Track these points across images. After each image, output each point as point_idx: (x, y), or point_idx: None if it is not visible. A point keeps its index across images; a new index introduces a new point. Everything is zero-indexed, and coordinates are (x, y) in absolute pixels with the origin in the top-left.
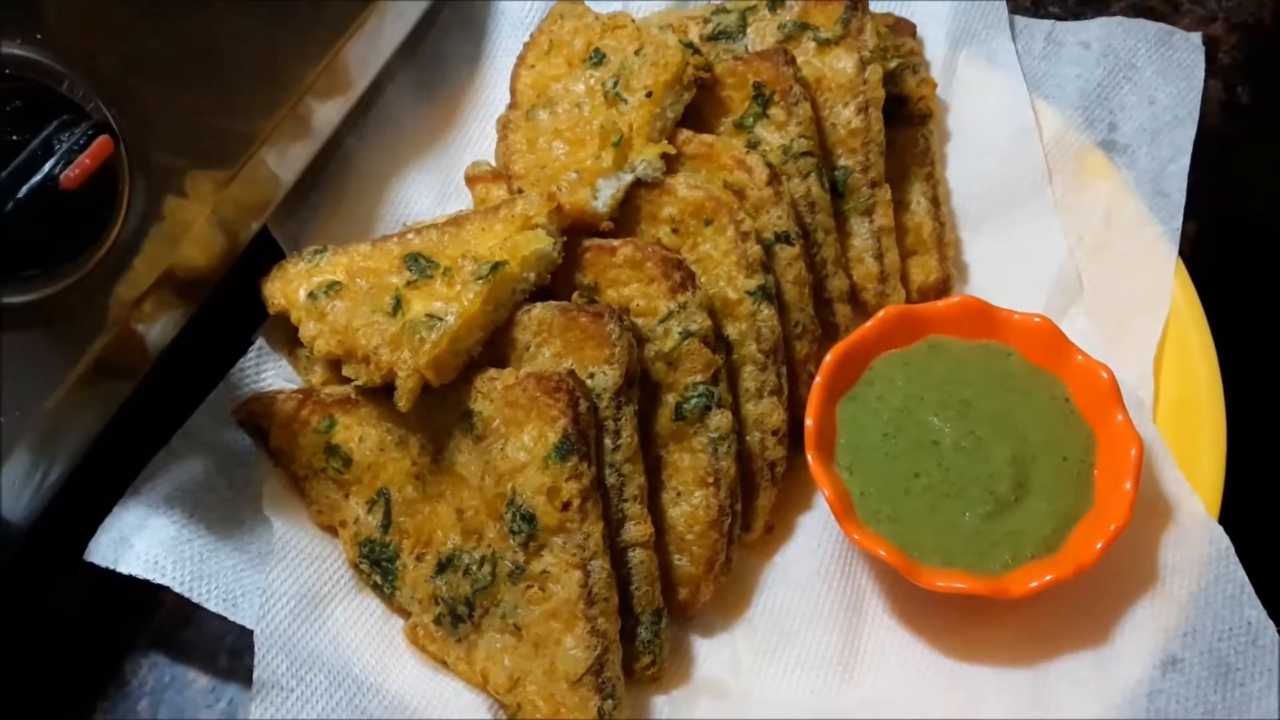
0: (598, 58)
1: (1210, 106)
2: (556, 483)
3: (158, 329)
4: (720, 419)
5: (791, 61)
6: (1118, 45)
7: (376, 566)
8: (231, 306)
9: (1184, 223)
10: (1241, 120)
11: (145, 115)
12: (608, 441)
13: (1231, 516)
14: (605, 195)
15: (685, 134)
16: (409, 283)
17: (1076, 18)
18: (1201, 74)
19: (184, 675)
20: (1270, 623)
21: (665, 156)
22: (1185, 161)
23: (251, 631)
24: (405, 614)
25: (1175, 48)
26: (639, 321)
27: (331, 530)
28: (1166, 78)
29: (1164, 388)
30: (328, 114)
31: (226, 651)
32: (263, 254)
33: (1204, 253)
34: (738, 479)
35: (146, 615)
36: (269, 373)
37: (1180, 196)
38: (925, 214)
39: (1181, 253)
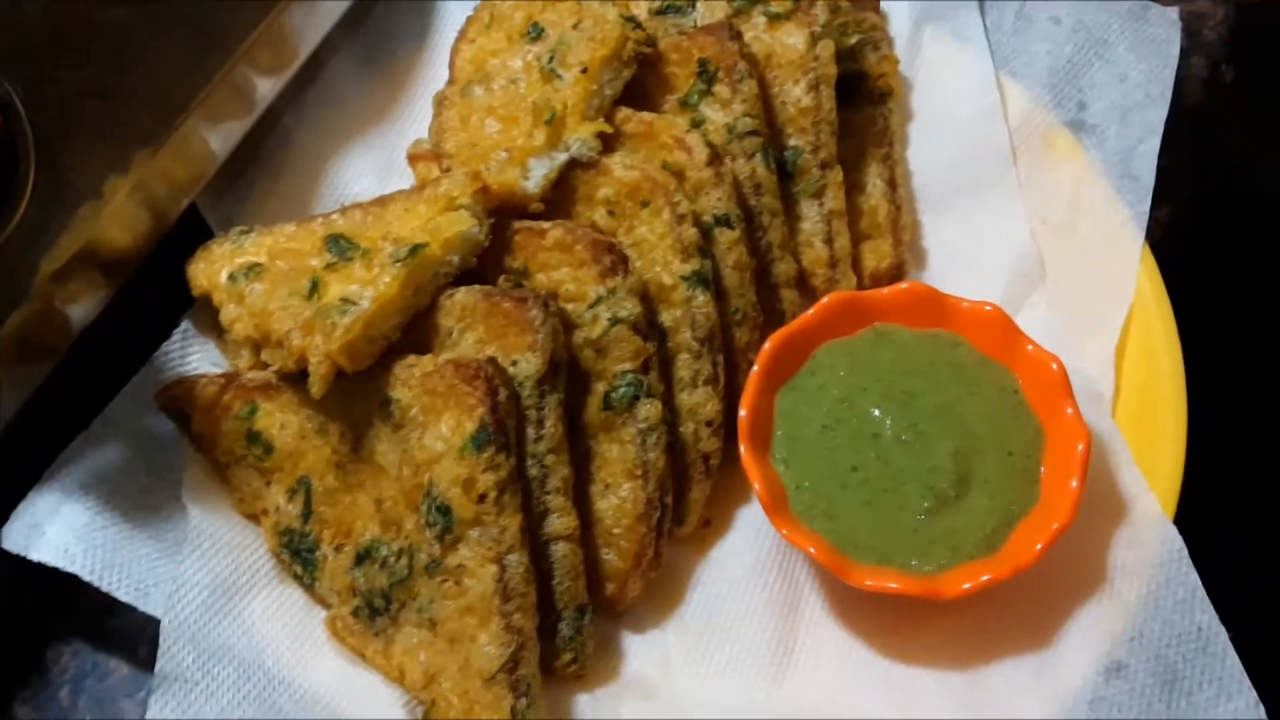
0: (536, 32)
1: (1192, 85)
2: (473, 474)
3: (79, 308)
4: (649, 409)
5: (737, 37)
6: (1090, 20)
7: (296, 557)
8: (162, 288)
9: (1158, 207)
10: (1224, 99)
11: (57, 87)
12: (530, 431)
13: (1189, 516)
14: (537, 175)
15: (624, 112)
16: (328, 265)
17: None
18: (1176, 51)
19: (105, 664)
20: (1222, 628)
21: (603, 135)
22: (1156, 142)
23: None
24: (327, 605)
25: (1150, 23)
26: (569, 307)
27: (254, 519)
28: (1139, 54)
29: (1125, 380)
30: (264, 86)
31: (149, 641)
32: (201, 235)
33: (1177, 239)
34: (668, 471)
35: (70, 602)
36: (195, 356)
37: (1150, 179)
38: (881, 196)
39: (1153, 238)
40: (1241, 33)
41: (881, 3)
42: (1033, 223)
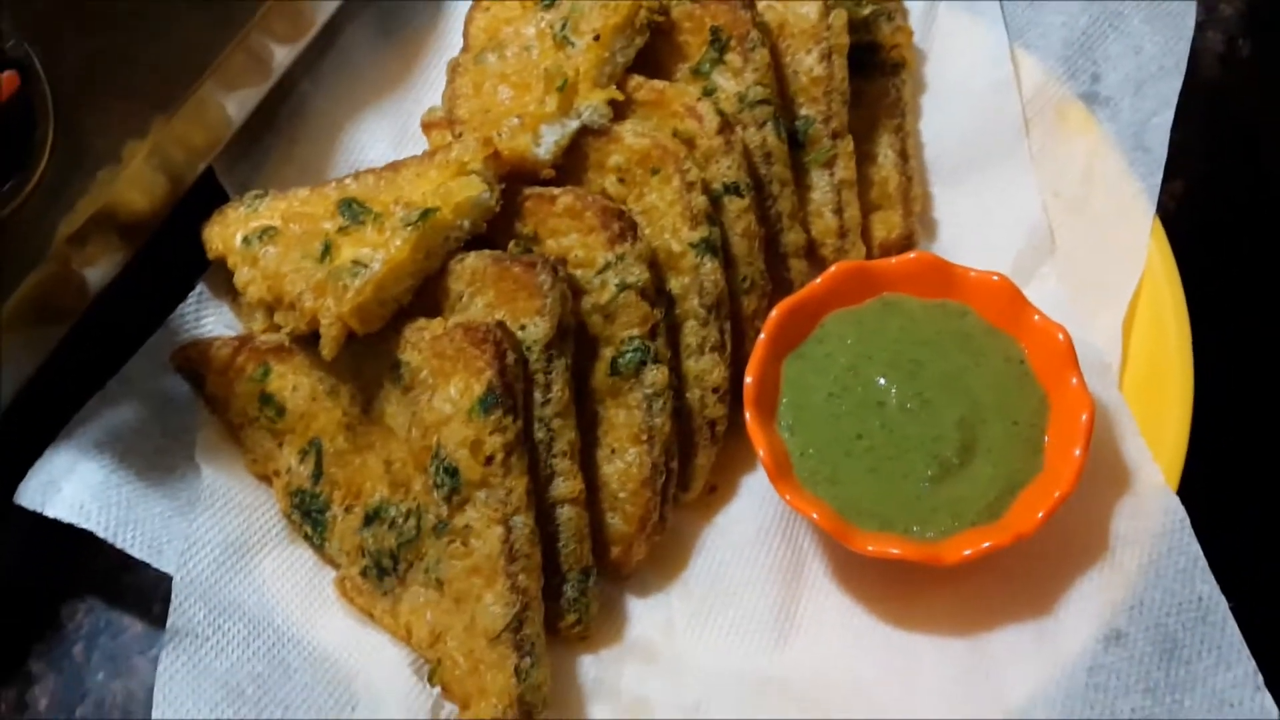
0: (549, 0)
1: (1208, 59)
2: (480, 436)
3: (96, 270)
4: (656, 375)
5: (750, 5)
6: None
7: (307, 517)
8: (179, 250)
9: (1171, 181)
10: (1240, 74)
11: (76, 52)
12: (538, 395)
13: (1193, 487)
14: (548, 142)
15: (636, 80)
16: (340, 229)
17: None
18: (1192, 23)
19: (119, 621)
20: (1222, 598)
21: (615, 103)
22: (1169, 115)
23: None
24: (336, 565)
25: None
26: (578, 273)
27: (266, 480)
28: (1154, 26)
29: (1133, 352)
30: (280, 53)
31: (162, 599)
32: (217, 199)
33: (1190, 212)
34: (674, 437)
35: (84, 560)
36: (210, 318)
37: (1162, 152)
38: (892, 167)
39: (1165, 211)
40: (1258, 8)
41: None
42: (1044, 195)
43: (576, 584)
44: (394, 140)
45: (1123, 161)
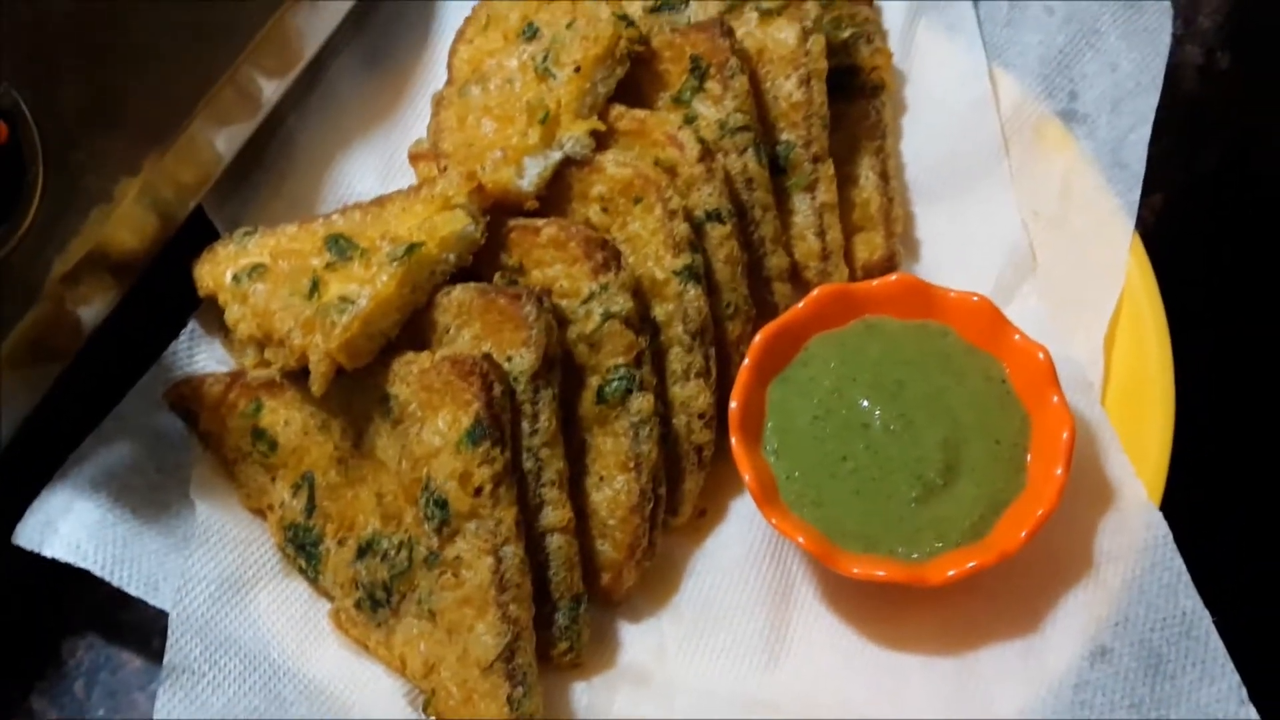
0: (531, 32)
1: (1187, 72)
2: (469, 468)
3: (89, 309)
4: (641, 402)
5: (729, 34)
6: (1082, 10)
7: (301, 550)
8: (170, 288)
9: (1150, 195)
10: (1220, 87)
11: (64, 93)
12: (525, 426)
13: (1175, 502)
14: (531, 174)
15: (618, 109)
16: (328, 265)
17: None
18: (1168, 39)
19: (118, 657)
20: (1206, 613)
21: (597, 133)
22: (1146, 131)
23: None
24: (331, 598)
25: (1142, 12)
26: (562, 303)
27: (261, 514)
28: (1130, 43)
29: (1114, 369)
30: (269, 88)
31: (161, 634)
32: (207, 236)
33: (1169, 226)
34: (661, 463)
35: (83, 597)
36: (202, 355)
37: (1140, 168)
38: (873, 189)
39: (1145, 226)
40: (1237, 20)
41: None
42: (1024, 213)
43: (568, 612)
44: (382, 172)
45: (1101, 178)
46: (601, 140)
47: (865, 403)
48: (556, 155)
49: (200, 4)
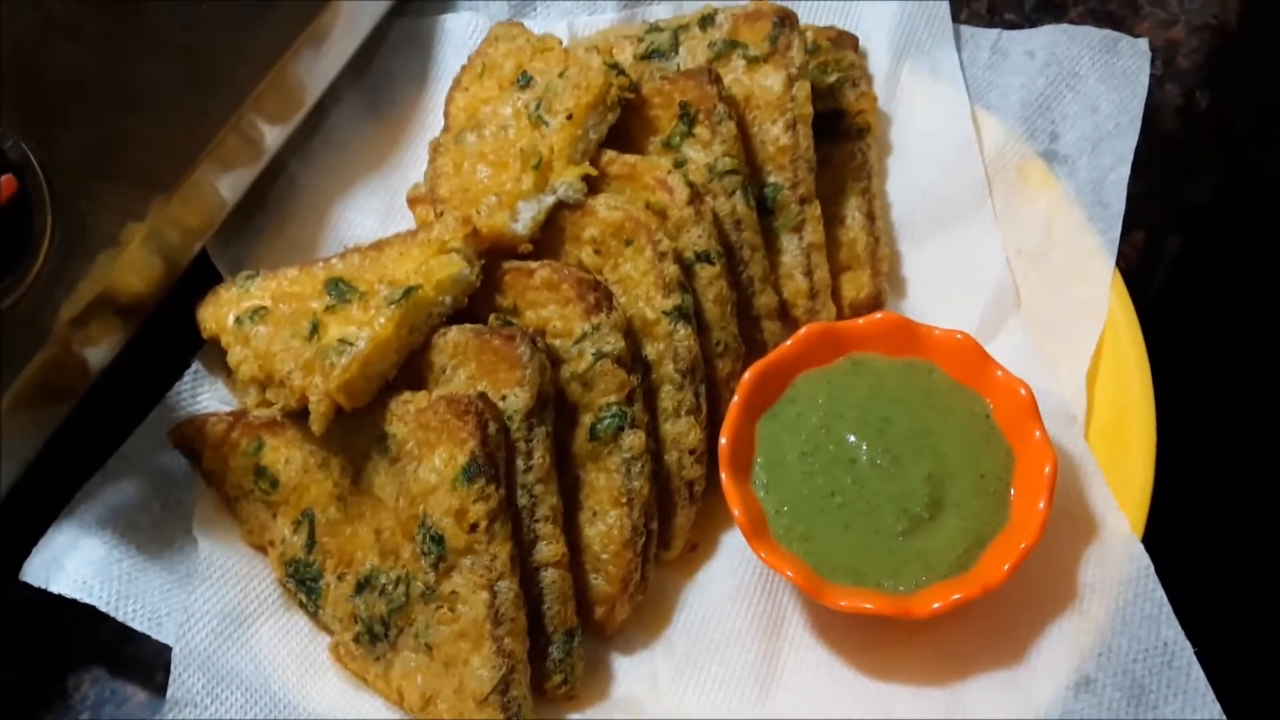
0: (525, 80)
1: (1167, 112)
2: (464, 504)
3: (96, 351)
4: (633, 439)
5: (716, 80)
6: (1061, 53)
7: (301, 585)
8: (174, 330)
9: (1132, 233)
10: (1199, 127)
11: (71, 142)
12: (520, 463)
13: (1157, 534)
14: (525, 218)
15: (609, 154)
16: (328, 308)
17: (1032, 24)
18: (1146, 80)
19: (123, 690)
20: (1187, 644)
21: (589, 177)
22: (1125, 170)
23: None
24: (330, 631)
25: (1120, 54)
26: (556, 343)
27: (262, 550)
28: (1109, 85)
29: (1097, 403)
30: (272, 133)
31: (165, 668)
32: (210, 278)
33: (1151, 264)
34: (653, 499)
35: (90, 631)
36: (205, 395)
37: (1120, 206)
38: (860, 229)
39: (1128, 263)
40: (1215, 61)
41: (860, 41)
42: (1008, 251)
43: (561, 645)
44: (381, 215)
45: (1083, 216)
46: (593, 184)
47: (852, 438)
48: (550, 199)
49: (205, 53)
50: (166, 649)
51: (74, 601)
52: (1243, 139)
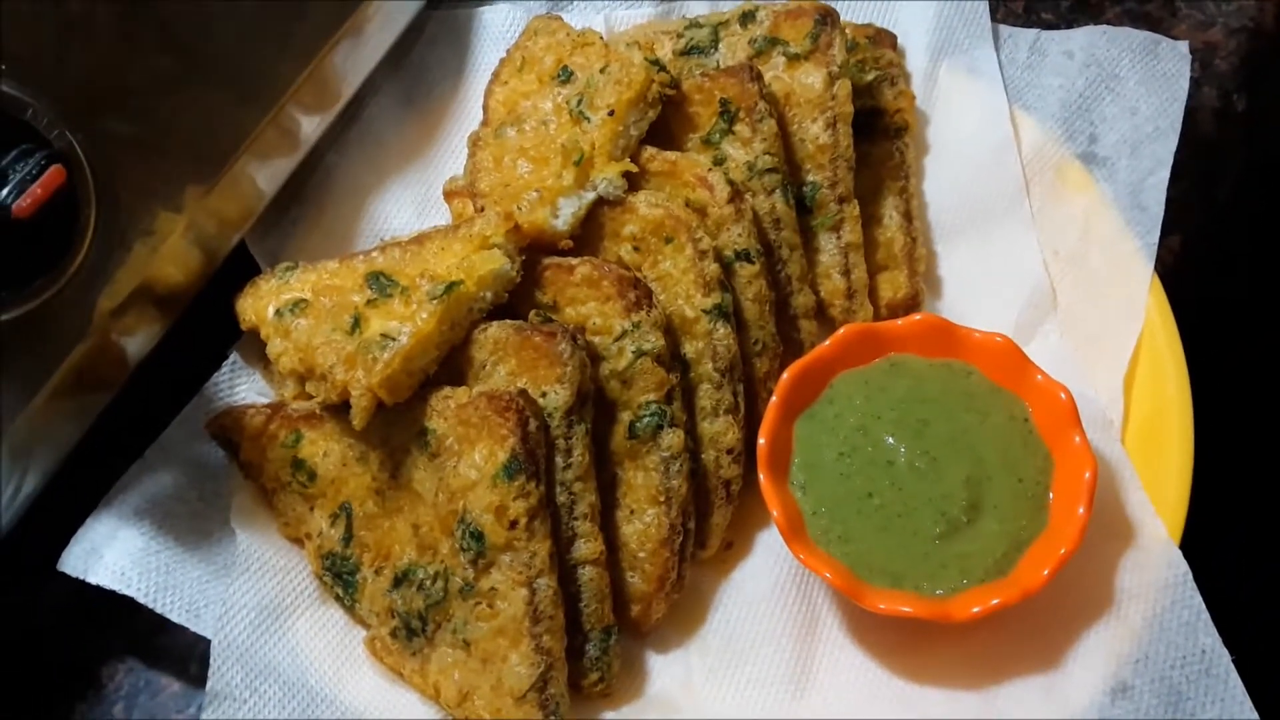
0: (565, 75)
1: (1204, 115)
2: (504, 501)
3: (135, 342)
4: (672, 438)
5: (757, 78)
6: (1101, 55)
7: (338, 579)
8: (213, 320)
9: (1169, 236)
10: (1236, 129)
11: (116, 135)
12: (559, 460)
13: (1194, 540)
14: (566, 214)
15: (649, 151)
16: (369, 301)
17: (1069, 24)
18: (1186, 84)
19: (157, 681)
20: (1225, 651)
21: (629, 174)
22: (1165, 174)
23: None
24: (367, 626)
25: (1160, 57)
26: (595, 340)
27: (299, 542)
28: (1149, 88)
29: (1134, 407)
30: (310, 125)
31: (199, 659)
32: (248, 270)
33: (1188, 267)
34: (690, 497)
35: (124, 621)
36: (243, 387)
37: (1159, 210)
38: (897, 229)
39: (1164, 266)
40: (1253, 63)
41: (898, 40)
42: (1045, 253)
43: (599, 643)
44: (418, 208)
45: (1120, 220)
46: (634, 181)
47: (890, 440)
48: (590, 196)
49: (245, 46)
50: (200, 640)
51: (108, 591)
52: None
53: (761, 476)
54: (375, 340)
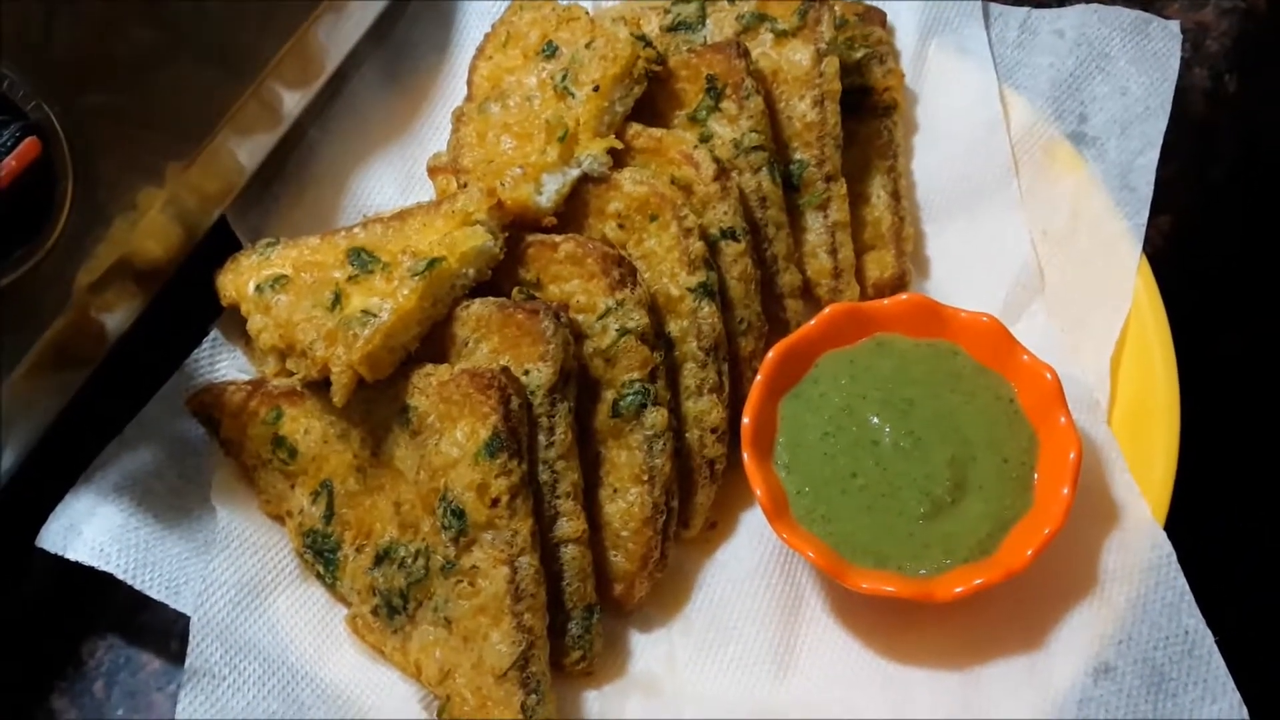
0: (550, 50)
1: (1195, 96)
2: (486, 479)
3: (114, 317)
4: (656, 416)
5: (744, 54)
6: (1092, 33)
7: (319, 557)
8: (193, 297)
9: (1158, 217)
10: (1227, 110)
11: (95, 108)
12: (541, 438)
13: (1179, 522)
14: (549, 190)
15: (635, 128)
16: (350, 277)
17: (1060, 3)
18: (1176, 63)
19: (138, 658)
20: (1208, 632)
21: (614, 151)
22: (1154, 155)
23: None
24: (348, 604)
25: (1151, 36)
26: (579, 318)
27: (280, 520)
28: (1140, 67)
29: (1121, 389)
30: (291, 101)
31: (179, 636)
32: (229, 245)
33: (1177, 248)
34: (674, 476)
35: (105, 598)
36: (224, 363)
37: (1148, 191)
38: (885, 207)
39: (1153, 247)
40: (1245, 44)
41: (888, 17)
42: (1033, 233)
43: (580, 621)
44: (401, 184)
45: (1109, 200)
46: (618, 158)
47: (875, 420)
48: (574, 172)
49: (226, 19)
50: (181, 617)
51: (88, 568)
52: (1271, 123)
53: (745, 456)
54: (356, 317)
